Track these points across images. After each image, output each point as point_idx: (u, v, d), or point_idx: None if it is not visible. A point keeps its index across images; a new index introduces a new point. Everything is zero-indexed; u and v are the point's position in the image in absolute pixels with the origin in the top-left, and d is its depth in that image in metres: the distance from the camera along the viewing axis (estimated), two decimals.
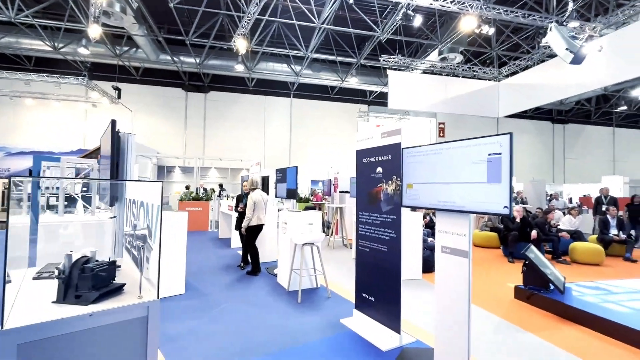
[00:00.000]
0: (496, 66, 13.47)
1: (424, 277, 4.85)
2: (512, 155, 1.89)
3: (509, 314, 3.50)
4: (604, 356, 2.63)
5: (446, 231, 2.32)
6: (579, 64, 6.27)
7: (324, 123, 16.98)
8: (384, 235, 2.88)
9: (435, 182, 2.35)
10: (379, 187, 2.95)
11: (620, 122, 21.24)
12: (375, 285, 2.99)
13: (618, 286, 4.14)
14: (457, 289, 2.21)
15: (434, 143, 2.34)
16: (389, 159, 2.84)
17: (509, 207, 1.88)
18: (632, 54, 7.99)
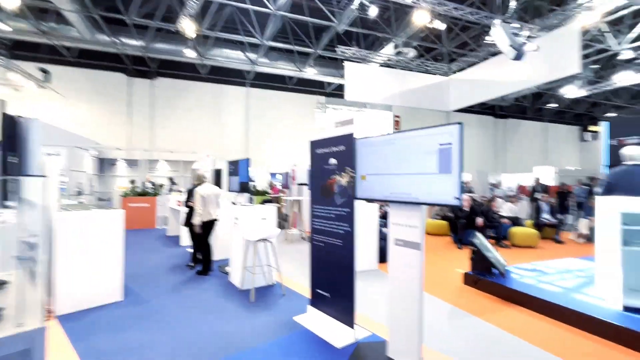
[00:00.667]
0: (446, 62, 14.10)
1: (379, 268, 4.90)
2: (462, 145, 1.87)
3: (458, 299, 3.64)
4: (540, 334, 2.81)
5: (399, 223, 2.27)
6: (520, 60, 6.69)
7: (283, 114, 16.61)
8: (339, 229, 2.79)
9: (389, 173, 2.29)
10: (332, 179, 2.84)
11: (551, 118, 23.56)
12: (330, 281, 2.90)
13: (550, 267, 4.52)
14: (409, 281, 2.18)
15: (387, 134, 2.26)
16: (342, 149, 2.73)
17: (460, 197, 1.86)
18: (562, 56, 8.76)
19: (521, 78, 10.21)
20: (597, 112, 22.65)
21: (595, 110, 22.53)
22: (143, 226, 9.00)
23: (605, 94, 18.51)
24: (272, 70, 14.26)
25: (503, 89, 11.12)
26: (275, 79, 16.01)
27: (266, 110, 16.32)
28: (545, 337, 2.77)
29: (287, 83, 16.41)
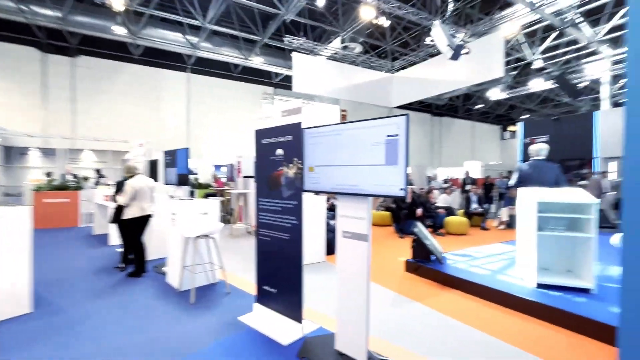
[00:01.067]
0: (390, 59, 14.70)
1: (327, 259, 4.94)
2: (407, 137, 1.89)
3: (400, 287, 3.81)
4: (471, 314, 3.07)
5: (347, 215, 2.26)
6: (456, 61, 7.18)
7: (228, 103, 15.82)
8: (286, 223, 2.70)
9: (336, 165, 2.25)
10: (279, 171, 2.72)
11: (478, 118, 26.13)
12: (277, 276, 2.80)
13: (478, 252, 4.99)
14: (357, 273, 2.18)
15: (334, 124, 2.21)
16: (289, 140, 2.63)
17: (405, 189, 1.90)
18: (488, 61, 9.69)
19: (455, 79, 11.07)
20: (514, 114, 25.71)
21: (512, 112, 25.54)
22: (62, 224, 7.89)
23: (520, 98, 21.04)
24: (215, 56, 13.45)
25: (439, 89, 11.96)
26: (219, 66, 15.13)
27: (209, 98, 15.39)
28: (475, 316, 3.03)
29: (232, 71, 15.63)
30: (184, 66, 14.69)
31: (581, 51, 14.71)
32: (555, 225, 3.32)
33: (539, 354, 2.37)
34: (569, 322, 2.71)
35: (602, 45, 12.37)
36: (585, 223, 3.18)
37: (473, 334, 2.68)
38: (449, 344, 2.54)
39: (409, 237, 6.68)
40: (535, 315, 2.95)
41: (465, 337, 2.65)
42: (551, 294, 3.11)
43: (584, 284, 3.15)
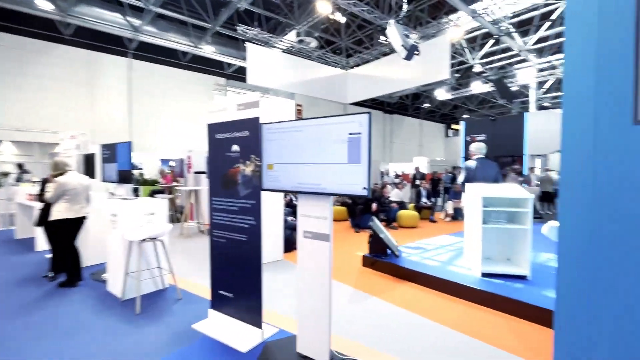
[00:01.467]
0: (344, 56, 14.86)
1: (285, 257, 4.85)
2: (370, 135, 1.88)
3: (358, 282, 3.87)
4: (424, 305, 3.21)
5: (308, 215, 2.19)
6: (409, 60, 7.46)
7: (176, 93, 14.77)
8: (243, 223, 2.55)
9: (297, 163, 2.17)
10: (235, 169, 2.57)
11: (425, 116, 27.72)
12: (234, 280, 2.65)
13: (429, 244, 5.28)
14: (318, 273, 2.14)
15: (295, 119, 2.12)
16: (246, 135, 2.48)
17: (368, 187, 1.88)
18: (436, 62, 10.26)
19: (405, 78, 11.56)
20: (457, 113, 27.75)
21: (456, 112, 27.54)
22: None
23: (462, 99, 22.75)
24: (161, 42, 12.41)
25: (392, 87, 12.41)
26: (166, 53, 14.01)
27: (155, 87, 14.22)
28: (428, 307, 3.18)
29: (180, 59, 14.61)
30: (125, 50, 13.37)
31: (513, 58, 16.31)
32: (497, 218, 3.61)
33: (483, 339, 2.55)
34: (510, 307, 2.97)
35: (530, 54, 13.78)
36: (523, 216, 3.50)
37: (426, 325, 2.81)
38: (405, 336, 2.62)
39: (365, 231, 6.86)
40: (481, 302, 3.18)
41: (419, 328, 2.76)
42: (494, 282, 3.38)
43: (522, 271, 3.48)
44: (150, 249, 3.41)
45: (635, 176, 1.53)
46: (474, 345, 2.48)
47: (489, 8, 10.15)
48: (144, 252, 3.31)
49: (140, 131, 13.76)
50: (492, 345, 2.47)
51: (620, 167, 1.63)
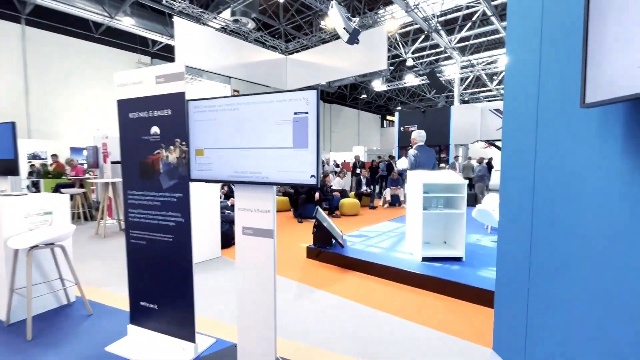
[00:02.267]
0: (283, 41, 14.35)
1: (223, 254, 4.43)
2: (318, 115, 1.64)
3: (303, 275, 3.68)
4: (370, 294, 3.17)
5: (247, 208, 1.89)
6: (352, 45, 7.37)
7: (88, 71, 12.67)
8: (168, 221, 2.14)
9: (233, 148, 1.84)
10: (156, 155, 2.12)
11: (363, 107, 28.64)
12: (159, 288, 2.23)
13: (371, 231, 5.34)
14: (261, 274, 1.86)
15: (229, 95, 1.77)
16: (168, 114, 2.05)
17: (317, 175, 1.65)
18: (374, 53, 10.44)
19: (345, 67, 11.59)
20: (391, 105, 29.24)
21: (390, 104, 28.98)
22: None
23: (395, 91, 23.99)
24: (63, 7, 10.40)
25: (331, 75, 12.33)
26: (74, 22, 11.84)
27: (59, 63, 11.99)
28: (375, 296, 3.13)
29: (93, 31, 12.51)
30: (17, 15, 10.94)
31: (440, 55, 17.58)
32: (437, 204, 3.72)
33: (430, 325, 2.57)
34: (451, 289, 3.07)
35: (454, 51, 14.96)
36: (458, 201, 3.66)
37: (374, 316, 2.74)
38: (354, 330, 2.51)
39: (309, 221, 6.71)
40: (424, 286, 3.24)
41: (368, 320, 2.68)
42: (434, 266, 3.49)
43: (458, 253, 3.65)
44: (46, 257, 2.74)
45: (579, 160, 1.61)
46: (422, 333, 2.48)
47: (420, 5, 10.63)
48: (37, 261, 2.64)
49: (40, 115, 11.54)
50: (439, 330, 2.49)
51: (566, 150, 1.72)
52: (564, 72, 1.63)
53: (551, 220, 1.73)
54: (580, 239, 1.54)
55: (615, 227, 1.37)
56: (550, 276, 1.75)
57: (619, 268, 1.34)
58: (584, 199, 1.53)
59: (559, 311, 1.69)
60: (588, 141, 1.52)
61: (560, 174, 1.67)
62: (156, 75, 2.05)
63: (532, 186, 1.85)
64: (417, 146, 4.40)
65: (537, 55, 1.80)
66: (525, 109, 1.88)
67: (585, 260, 1.52)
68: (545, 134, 1.76)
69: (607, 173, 1.41)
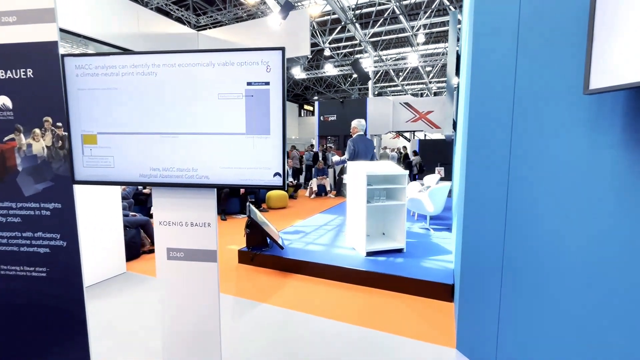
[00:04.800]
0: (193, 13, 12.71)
1: (129, 268, 3.51)
2: (284, 86, 1.17)
3: (239, 286, 3.13)
4: (321, 301, 2.84)
5: (174, 222, 1.30)
6: (284, 19, 6.78)
7: None
8: (36, 246, 1.37)
9: (149, 133, 1.22)
10: (8, 144, 1.32)
11: None
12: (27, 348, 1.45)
13: (306, 225, 5.02)
14: (200, 316, 1.32)
15: (141, 52, 1.14)
16: (28, 77, 1.28)
17: (282, 173, 1.19)
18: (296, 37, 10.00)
19: None
20: (308, 94, 29.35)
21: (307, 93, 29.05)
22: None
23: (312, 80, 24.11)
24: None
25: None
26: None
27: None
28: (322, 302, 2.82)
29: None
30: None
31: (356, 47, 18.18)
32: (379, 196, 3.58)
33: (386, 329, 2.38)
34: (400, 285, 2.95)
35: (368, 45, 15.60)
36: (399, 192, 3.59)
37: (325, 326, 2.43)
38: (307, 348, 2.15)
39: (233, 218, 6.02)
40: (372, 284, 3.06)
41: (319, 333, 2.34)
42: (379, 260, 3.35)
43: (399, 245, 3.60)
44: None
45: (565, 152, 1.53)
46: (380, 339, 2.26)
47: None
48: None
49: None
50: (397, 334, 2.31)
51: (549, 142, 1.65)
52: (552, 60, 1.52)
53: (529, 215, 1.65)
54: (562, 233, 1.47)
55: (604, 222, 1.30)
56: (527, 272, 1.68)
57: (606, 264, 1.29)
58: (570, 192, 1.45)
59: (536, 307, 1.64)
60: (576, 132, 1.43)
61: (542, 167, 1.57)
62: (1, 11, 1.24)
63: (506, 180, 1.75)
64: (356, 135, 4.20)
65: (514, 43, 1.67)
66: (496, 100, 1.75)
67: (566, 253, 1.46)
68: (523, 126, 1.66)
69: (598, 165, 1.33)
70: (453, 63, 4.77)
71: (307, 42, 9.90)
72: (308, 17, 9.83)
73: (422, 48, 17.47)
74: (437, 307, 2.69)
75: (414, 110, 14.22)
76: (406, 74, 22.26)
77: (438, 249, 3.75)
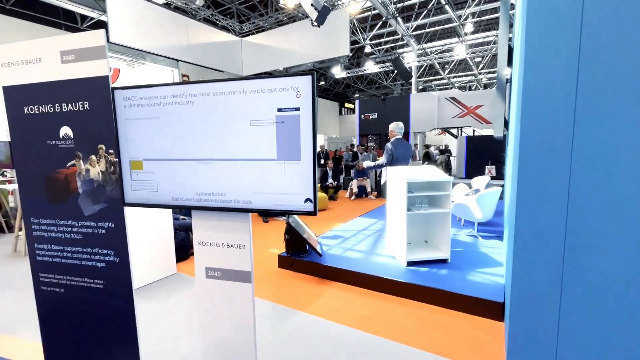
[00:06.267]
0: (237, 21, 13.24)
1: (179, 270, 3.77)
2: (315, 111, 1.15)
3: (278, 292, 3.20)
4: (360, 312, 2.80)
5: (212, 242, 1.36)
6: (320, 25, 6.81)
7: None
8: (95, 261, 1.52)
9: (187, 159, 1.28)
10: (70, 168, 1.47)
11: (321, 94, 28.13)
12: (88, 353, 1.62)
13: (345, 230, 4.98)
14: (237, 329, 1.36)
15: (178, 83, 1.20)
16: (85, 109, 1.41)
17: (313, 199, 1.17)
18: (336, 37, 9.96)
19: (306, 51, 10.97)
20: (348, 92, 29.13)
21: (347, 91, 28.84)
22: None
23: (353, 78, 23.85)
24: None
25: (290, 60, 11.63)
26: None
27: None
28: (362, 313, 2.77)
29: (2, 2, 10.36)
30: None
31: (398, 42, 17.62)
32: (421, 203, 3.43)
33: (423, 346, 2.26)
34: (442, 299, 2.80)
35: (411, 39, 15.01)
36: (444, 199, 3.40)
37: (366, 341, 2.38)
38: None
39: (275, 220, 6.19)
40: (414, 296, 2.94)
41: (361, 347, 2.30)
42: (421, 271, 3.21)
43: (443, 255, 3.42)
44: None
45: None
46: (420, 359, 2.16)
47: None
48: None
49: None
50: (438, 354, 2.19)
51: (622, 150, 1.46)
52: (624, 46, 1.31)
53: (594, 229, 1.46)
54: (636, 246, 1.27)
55: None
56: (592, 294, 1.49)
57: None
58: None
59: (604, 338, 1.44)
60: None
61: (609, 172, 1.38)
62: (61, 51, 1.38)
63: (566, 189, 1.55)
64: (395, 139, 4.07)
65: (577, 26, 1.46)
66: (554, 95, 1.54)
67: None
68: (586, 127, 1.45)
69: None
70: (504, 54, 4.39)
71: (347, 41, 9.80)
72: (348, 16, 9.72)
73: (470, 38, 16.37)
74: (485, 327, 2.51)
75: (462, 105, 13.43)
76: (453, 66, 21.08)
77: (487, 260, 3.49)
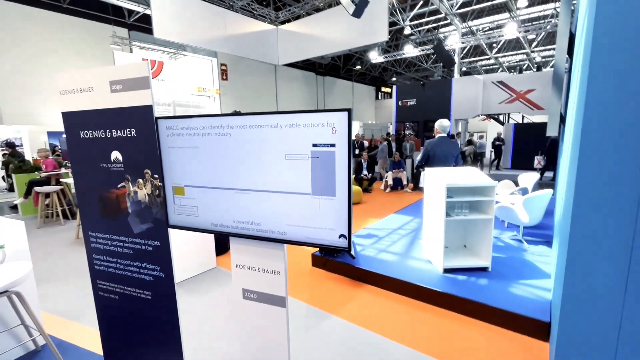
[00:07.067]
0: (273, 9, 13.16)
1: (218, 264, 3.99)
2: (351, 147, 1.11)
3: (312, 292, 3.27)
4: (394, 320, 2.78)
5: (248, 266, 1.40)
6: (358, 17, 6.60)
7: (59, 45, 11.51)
8: (143, 274, 1.64)
9: (225, 188, 1.32)
10: (121, 189, 1.58)
11: (357, 79, 27.46)
12: (140, 355, 1.77)
13: (379, 229, 4.91)
14: (271, 352, 1.41)
15: (215, 115, 1.21)
16: (132, 135, 1.49)
17: (348, 235, 1.15)
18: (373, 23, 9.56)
19: (343, 38, 10.68)
20: (385, 76, 28.10)
21: (385, 74, 27.83)
22: None
23: (391, 61, 22.88)
24: None
25: (328, 48, 11.42)
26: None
27: (28, 36, 10.80)
28: (395, 321, 2.75)
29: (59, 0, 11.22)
30: None
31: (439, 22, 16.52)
32: (461, 208, 3.27)
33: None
34: (480, 313, 2.69)
35: (455, 18, 13.96)
36: (486, 204, 3.21)
37: (399, 353, 2.37)
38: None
39: None
40: (450, 307, 2.86)
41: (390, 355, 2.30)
42: (459, 279, 3.09)
43: (483, 262, 3.26)
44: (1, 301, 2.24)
45: None
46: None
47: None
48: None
49: (12, 96, 10.55)
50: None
51: None
52: None
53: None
54: None
55: None
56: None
57: None
58: None
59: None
60: None
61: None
62: (110, 81, 1.46)
63: (636, 199, 1.37)
64: (438, 137, 3.88)
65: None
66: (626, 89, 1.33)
67: None
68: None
69: None
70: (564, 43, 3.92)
71: (385, 26, 9.38)
72: (386, 2, 9.25)
73: (524, 12, 14.84)
74: (527, 346, 2.38)
75: (510, 89, 12.40)
76: (501, 45, 19.41)
77: (532, 270, 3.27)
